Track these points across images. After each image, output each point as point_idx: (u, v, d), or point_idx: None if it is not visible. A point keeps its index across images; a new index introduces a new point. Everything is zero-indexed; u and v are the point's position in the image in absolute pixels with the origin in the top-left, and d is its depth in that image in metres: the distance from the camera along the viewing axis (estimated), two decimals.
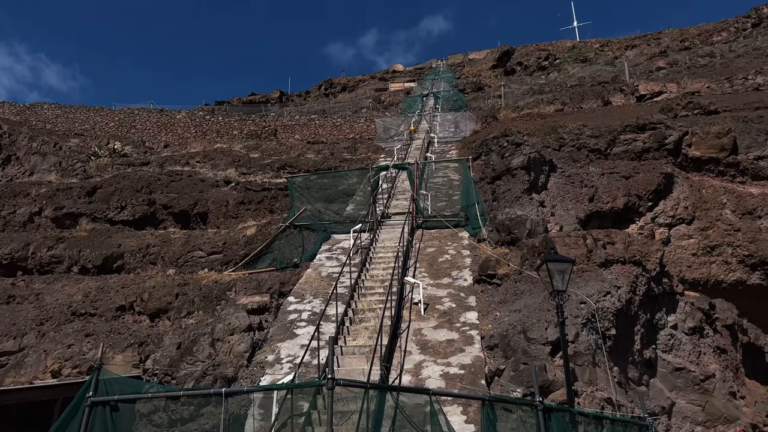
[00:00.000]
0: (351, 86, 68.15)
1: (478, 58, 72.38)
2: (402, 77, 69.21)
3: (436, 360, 11.82)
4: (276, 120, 42.24)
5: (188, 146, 36.12)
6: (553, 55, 59.52)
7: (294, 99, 65.82)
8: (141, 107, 43.60)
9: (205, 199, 26.03)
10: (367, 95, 58.12)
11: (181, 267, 21.06)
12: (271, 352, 12.90)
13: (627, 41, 59.93)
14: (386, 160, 29.49)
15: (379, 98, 53.80)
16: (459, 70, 67.06)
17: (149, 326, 17.31)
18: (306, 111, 49.91)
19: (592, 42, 64.32)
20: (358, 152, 33.26)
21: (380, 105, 50.37)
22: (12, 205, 25.53)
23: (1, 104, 41.99)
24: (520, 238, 17.02)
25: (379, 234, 19.38)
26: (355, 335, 12.98)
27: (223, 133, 39.36)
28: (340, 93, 66.24)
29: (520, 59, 60.91)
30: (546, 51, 61.43)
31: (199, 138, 38.45)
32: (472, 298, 14.46)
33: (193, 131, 39.48)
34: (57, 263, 22.12)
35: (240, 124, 40.34)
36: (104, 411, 7.06)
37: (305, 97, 67.17)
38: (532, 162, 21.19)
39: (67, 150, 33.02)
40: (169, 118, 40.70)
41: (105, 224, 24.48)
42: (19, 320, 18.08)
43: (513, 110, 37.71)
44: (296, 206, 23.21)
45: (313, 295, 15.73)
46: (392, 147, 32.61)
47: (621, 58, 51.89)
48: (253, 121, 41.01)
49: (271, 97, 64.21)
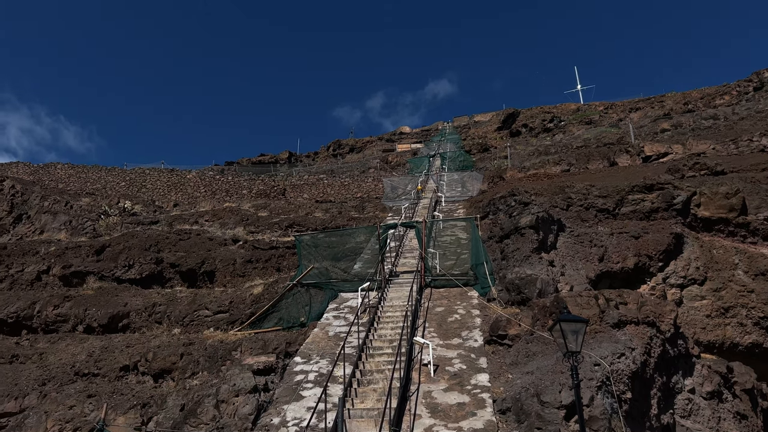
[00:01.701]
0: (359, 147, 69.29)
1: (484, 120, 73.72)
2: (409, 138, 70.40)
3: (447, 424, 11.45)
4: (285, 179, 42.75)
5: (198, 205, 36.45)
6: (558, 117, 60.58)
7: (303, 159, 66.86)
8: (152, 167, 44.35)
9: (212, 257, 26.02)
10: (375, 156, 59.00)
11: (187, 326, 20.83)
12: (276, 414, 12.55)
13: (631, 104, 61.05)
14: (394, 218, 29.59)
15: (386, 158, 54.56)
16: (465, 131, 68.21)
17: (153, 387, 16.95)
18: (315, 171, 50.59)
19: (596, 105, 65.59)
20: (366, 211, 33.43)
21: (388, 165, 51.01)
22: (21, 263, 25.59)
23: (15, 164, 42.82)
24: (531, 298, 16.79)
25: (387, 292, 19.20)
26: (363, 397, 12.63)
27: (232, 192, 39.79)
28: (348, 153, 67.27)
29: (525, 121, 61.99)
30: (551, 113, 62.59)
31: (209, 197, 38.85)
32: (483, 359, 14.14)
33: (202, 190, 39.94)
34: (62, 322, 21.94)
35: (249, 184, 40.82)
36: None
37: (314, 158, 68.23)
38: (540, 221, 21.17)
39: (77, 209, 33.36)
40: (180, 177, 41.28)
41: (112, 283, 24.42)
42: (21, 380, 17.77)
43: (519, 170, 38.06)
44: (304, 264, 23.13)
45: (319, 355, 15.43)
46: (400, 206, 32.79)
47: (625, 120, 52.73)
48: (263, 181, 41.51)
49: (281, 158, 65.26)
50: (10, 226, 32.65)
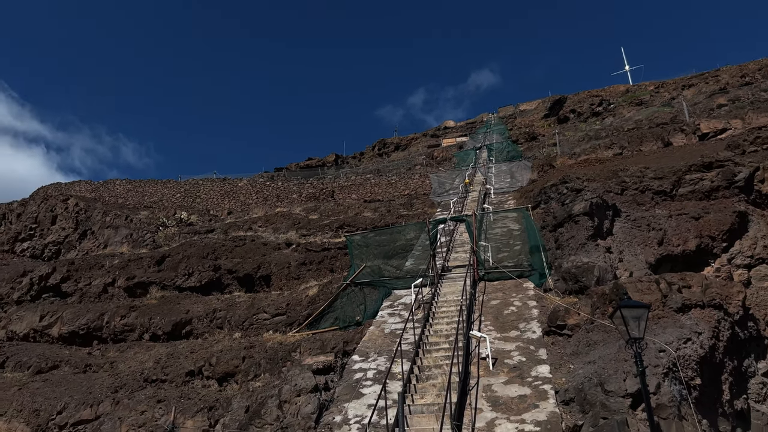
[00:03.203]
0: (404, 145, 69.26)
1: (530, 109, 72.47)
2: (454, 132, 69.91)
3: (509, 417, 11.33)
4: (333, 182, 43.18)
5: (250, 212, 37.23)
6: (607, 100, 58.92)
7: (349, 161, 67.36)
8: (205, 177, 45.57)
9: (267, 262, 26.53)
10: (420, 152, 58.86)
11: (247, 330, 21.32)
12: (338, 412, 12.70)
13: (683, 81, 58.78)
14: (443, 213, 29.45)
15: (432, 154, 54.35)
16: (511, 121, 67.23)
17: (218, 390, 17.45)
18: (361, 171, 50.89)
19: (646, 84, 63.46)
20: (414, 208, 33.40)
21: (433, 161, 50.81)
22: (88, 277, 26.78)
23: (78, 183, 44.80)
24: (589, 286, 16.42)
25: (441, 288, 19.14)
26: (422, 393, 12.64)
27: (282, 197, 40.48)
28: (393, 152, 67.35)
29: (572, 106, 60.58)
30: (599, 97, 60.93)
31: (261, 203, 39.64)
32: (543, 350, 13.92)
33: (254, 197, 40.79)
34: (129, 331, 22.84)
35: (299, 188, 41.43)
36: None
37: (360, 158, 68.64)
38: (594, 207, 20.66)
39: (137, 222, 34.64)
40: (232, 186, 42.27)
41: (173, 291, 25.24)
42: (95, 388, 18.60)
43: (569, 157, 37.24)
44: (356, 264, 23.31)
45: (377, 353, 15.53)
46: (448, 201, 32.61)
47: (678, 98, 50.82)
48: (311, 184, 42.05)
49: (327, 161, 65.93)
50: (76, 242, 34.21)
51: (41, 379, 20.49)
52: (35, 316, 24.54)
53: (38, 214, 36.04)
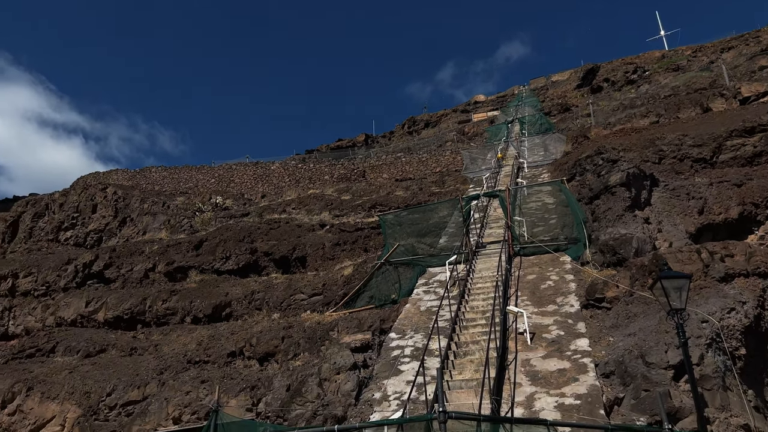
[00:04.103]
0: (433, 122, 68.69)
1: (562, 80, 70.94)
2: (484, 107, 68.99)
3: (549, 391, 11.29)
4: (363, 162, 43.18)
5: (283, 194, 37.57)
6: (642, 68, 57.20)
7: (379, 140, 67.19)
8: (238, 162, 46.07)
9: (302, 243, 26.80)
10: (450, 128, 58.31)
11: (285, 310, 21.65)
12: (377, 389, 12.86)
13: (722, 44, 56.60)
14: (475, 189, 29.22)
15: (462, 130, 53.80)
16: (542, 93, 65.97)
17: (259, 370, 17.82)
18: (391, 150, 50.73)
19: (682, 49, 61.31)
20: (446, 185, 33.20)
21: (464, 137, 50.30)
22: (129, 263, 27.49)
23: (115, 171, 45.84)
24: (627, 258, 16.14)
25: (476, 264, 19.07)
26: (460, 369, 12.69)
27: (315, 179, 40.69)
28: (423, 129, 66.88)
29: (606, 76, 59.03)
30: (633, 64, 59.19)
31: (293, 185, 39.94)
32: (581, 324, 13.79)
33: (287, 180, 41.11)
34: (171, 315, 23.43)
35: (330, 169, 41.57)
36: None
37: (389, 137, 68.38)
38: (631, 178, 20.22)
39: (174, 208, 35.31)
40: (264, 169, 42.66)
41: (212, 275, 25.73)
42: (141, 370, 19.20)
43: (604, 127, 36.39)
44: (389, 243, 23.38)
45: (413, 330, 15.61)
46: (480, 176, 32.31)
47: (717, 62, 49.01)
48: (342, 165, 42.14)
49: (357, 141, 65.89)
50: (116, 229, 35.11)
51: (90, 362, 21.24)
52: (81, 302, 25.37)
53: (79, 203, 37.06)
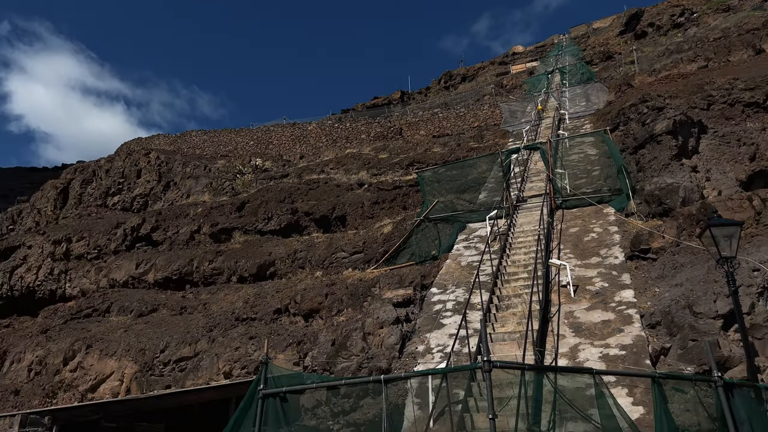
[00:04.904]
0: (470, 75, 67.28)
1: (604, 26, 68.19)
2: (523, 58, 67.10)
3: (593, 342, 11.25)
4: (400, 119, 42.79)
5: (321, 155, 37.71)
6: (689, 10, 54.41)
7: (415, 96, 66.30)
8: (275, 123, 46.29)
9: (342, 202, 26.98)
10: (488, 81, 57.04)
11: (327, 268, 22.00)
12: (420, 342, 13.04)
13: None
14: (515, 143, 28.71)
15: (501, 83, 52.57)
16: (584, 41, 63.65)
17: (304, 326, 18.27)
18: (428, 106, 50.07)
19: None
20: (485, 140, 32.70)
21: (503, 89, 49.19)
22: (175, 225, 28.23)
23: (156, 137, 46.71)
24: (674, 208, 15.71)
25: (516, 219, 18.89)
26: (503, 322, 12.73)
27: (351, 138, 40.63)
28: (460, 84, 65.63)
29: (650, 20, 56.42)
30: (680, 6, 56.32)
31: (330, 146, 40.00)
32: (626, 275, 13.59)
33: (324, 140, 41.18)
34: (218, 275, 24.09)
35: (366, 128, 41.39)
36: (275, 402, 7.54)
37: (426, 93, 67.39)
38: (678, 125, 19.50)
39: (215, 171, 35.90)
40: (301, 130, 42.78)
41: (255, 235, 26.25)
42: (192, 328, 19.93)
43: (649, 74, 35.01)
44: (428, 200, 23.32)
45: (455, 285, 15.67)
46: (520, 130, 31.68)
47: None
48: (379, 123, 41.88)
49: (393, 98, 65.19)
50: (161, 193, 35.99)
51: (143, 321, 22.14)
52: (132, 265, 26.29)
53: (124, 169, 38.03)
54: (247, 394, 7.68)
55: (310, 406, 10.72)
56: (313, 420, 9.49)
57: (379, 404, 9.42)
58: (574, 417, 8.20)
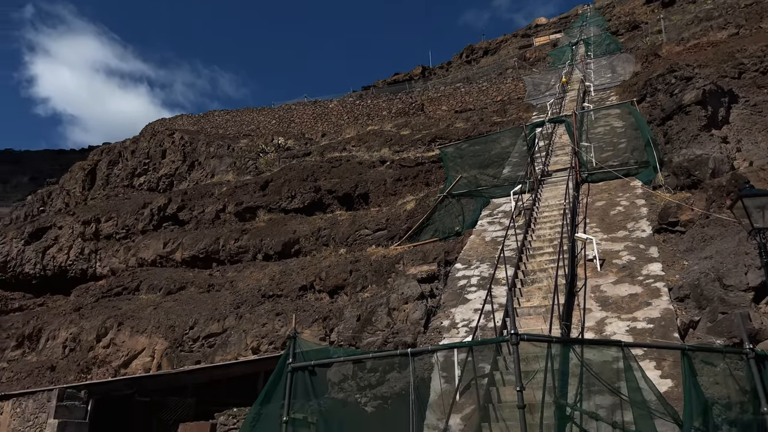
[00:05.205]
0: (493, 49, 66.23)
1: None
2: (546, 30, 65.75)
3: (620, 316, 11.18)
4: (421, 95, 42.43)
5: (343, 132, 37.66)
6: None
7: (436, 72, 65.57)
8: (296, 101, 46.25)
9: (364, 180, 26.99)
10: (511, 55, 56.13)
11: (351, 246, 22.11)
12: (445, 317, 13.09)
13: None
14: (539, 116, 28.31)
15: (524, 56, 51.68)
16: (609, 11, 62.08)
17: (329, 302, 18.47)
18: (450, 81, 49.51)
19: None
20: (508, 114, 32.30)
21: (526, 62, 48.37)
22: (200, 205, 28.58)
23: (180, 117, 47.06)
24: (703, 180, 15.41)
25: (541, 193, 18.71)
26: (528, 296, 12.70)
27: (373, 115, 40.46)
28: (482, 57, 64.68)
29: None
30: None
31: (352, 123, 39.89)
32: (653, 249, 13.42)
33: (345, 117, 41.08)
34: (243, 253, 24.39)
35: (388, 104, 41.15)
36: (304, 375, 7.67)
37: (447, 68, 66.58)
38: (707, 95, 19.02)
39: (238, 150, 36.11)
40: (323, 108, 42.70)
41: (279, 214, 26.44)
42: (219, 305, 20.28)
43: (677, 44, 34.10)
44: (451, 176, 23.20)
45: (479, 260, 15.64)
46: (544, 103, 31.20)
47: None
48: (400, 100, 41.60)
49: (414, 74, 64.56)
50: (186, 173, 36.37)
51: (172, 299, 22.58)
52: (159, 244, 26.74)
53: (149, 149, 38.47)
54: (276, 368, 7.82)
55: (337, 380, 10.88)
56: (340, 393, 9.63)
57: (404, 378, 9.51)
58: (601, 390, 8.19)
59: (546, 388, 8.36)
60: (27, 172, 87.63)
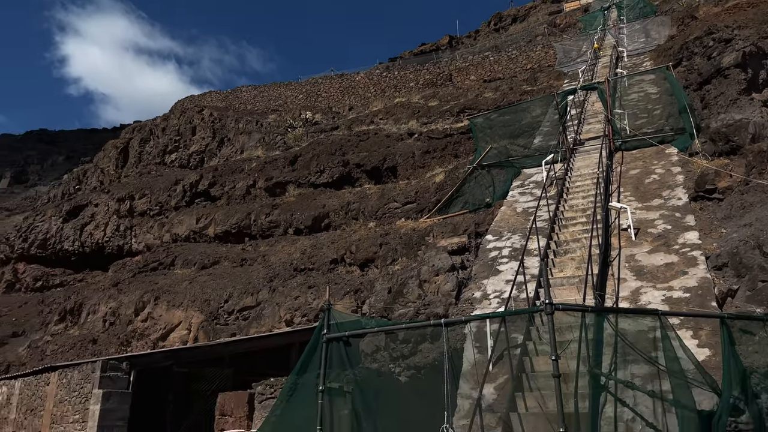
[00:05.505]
0: (521, 16, 64.73)
1: None
2: None
3: (655, 285, 11.01)
4: (449, 65, 41.84)
5: (370, 105, 37.45)
6: None
7: (464, 41, 64.47)
8: (323, 75, 46.08)
9: (392, 153, 26.90)
10: (541, 21, 54.79)
11: (380, 219, 22.17)
12: (477, 289, 13.08)
13: None
14: (571, 84, 27.69)
15: (554, 22, 50.42)
16: None
17: (360, 275, 18.62)
18: (478, 50, 48.67)
19: None
20: (539, 82, 31.68)
21: (556, 29, 47.19)
22: (231, 181, 28.90)
23: (208, 94, 47.34)
24: (742, 145, 14.95)
25: (574, 162, 18.40)
26: (561, 267, 12.59)
27: (400, 87, 40.10)
28: (511, 25, 63.30)
29: None
30: None
31: (379, 96, 39.62)
32: (690, 217, 13.13)
33: (372, 90, 40.80)
34: (274, 227, 24.67)
35: (415, 76, 40.71)
36: (339, 346, 7.79)
37: (475, 37, 65.39)
38: (747, 57, 18.34)
39: (267, 126, 36.27)
40: (350, 81, 42.46)
41: (309, 188, 26.59)
42: (252, 279, 20.62)
43: (715, 4, 32.79)
44: (481, 147, 22.96)
45: (510, 231, 15.52)
46: (576, 70, 30.49)
47: None
48: (427, 70, 41.09)
49: (441, 44, 63.60)
50: (216, 149, 36.74)
51: (206, 273, 23.04)
52: (192, 220, 27.21)
53: (179, 126, 38.90)
54: (311, 339, 7.95)
55: (370, 351, 11.01)
56: (374, 363, 9.75)
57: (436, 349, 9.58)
58: (636, 359, 8.13)
59: (580, 357, 8.34)
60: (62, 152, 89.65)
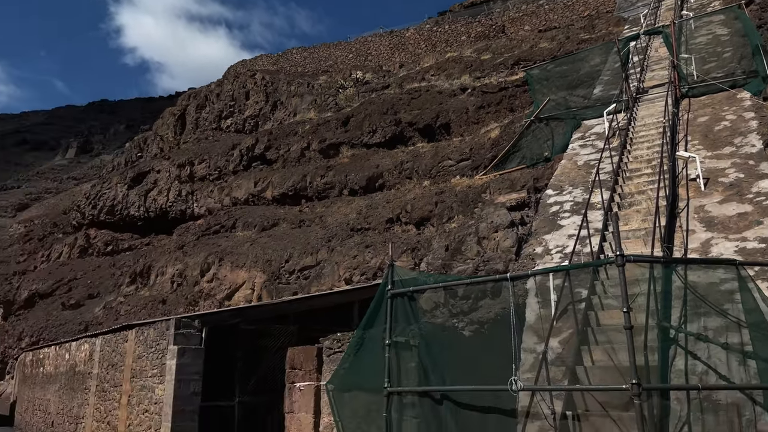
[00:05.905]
0: None
1: None
2: None
3: (727, 236, 10.57)
4: (502, 15, 40.53)
5: (421, 62, 36.84)
6: None
7: None
8: (372, 33, 45.47)
9: (445, 110, 26.51)
10: None
11: (434, 177, 22.03)
12: (538, 244, 12.89)
13: None
14: (631, 30, 26.36)
15: None
16: None
17: (416, 234, 18.67)
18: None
19: None
20: (597, 29, 30.33)
21: None
22: (286, 144, 29.23)
23: (259, 57, 47.63)
24: None
25: (637, 112, 17.66)
26: (626, 220, 12.22)
27: (451, 41, 39.21)
28: None
29: None
30: None
31: (430, 51, 38.89)
32: (765, 164, 12.43)
33: (422, 46, 40.08)
34: (330, 189, 24.92)
35: (466, 29, 39.68)
36: (403, 301, 7.88)
37: None
38: None
39: (318, 88, 36.30)
40: (399, 38, 41.80)
41: (362, 149, 26.62)
42: (311, 239, 21.00)
43: None
44: (538, 99, 22.30)
45: (571, 185, 15.13)
46: (637, 15, 28.97)
47: None
48: (479, 22, 39.95)
49: None
50: (269, 113, 37.14)
51: (266, 235, 23.61)
52: (250, 183, 27.78)
53: (233, 91, 39.42)
54: (376, 294, 8.07)
55: (429, 308, 11.08)
56: (439, 318, 9.83)
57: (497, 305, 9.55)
58: (707, 312, 7.91)
59: (649, 310, 8.16)
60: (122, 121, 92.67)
